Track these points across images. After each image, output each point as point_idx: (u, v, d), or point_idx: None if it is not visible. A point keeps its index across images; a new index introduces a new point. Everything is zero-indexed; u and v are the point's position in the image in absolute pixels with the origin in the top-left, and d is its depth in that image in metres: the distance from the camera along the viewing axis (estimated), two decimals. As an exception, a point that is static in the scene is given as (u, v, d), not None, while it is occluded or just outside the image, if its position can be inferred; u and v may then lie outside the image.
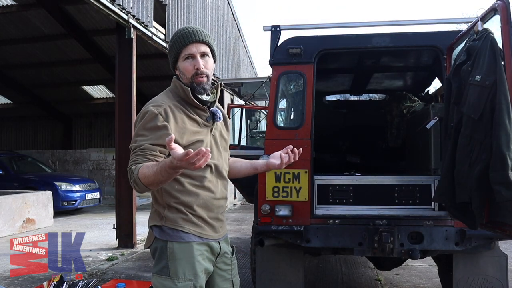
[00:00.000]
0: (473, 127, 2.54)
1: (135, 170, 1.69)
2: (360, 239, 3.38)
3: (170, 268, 1.79)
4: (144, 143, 1.74)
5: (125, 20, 7.03)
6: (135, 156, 1.75)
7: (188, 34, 1.84)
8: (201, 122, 1.87)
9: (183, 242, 1.82)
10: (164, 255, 1.81)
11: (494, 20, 2.59)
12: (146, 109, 1.80)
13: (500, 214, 2.54)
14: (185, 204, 1.82)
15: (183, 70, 1.86)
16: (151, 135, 1.75)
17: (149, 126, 1.76)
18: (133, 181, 1.71)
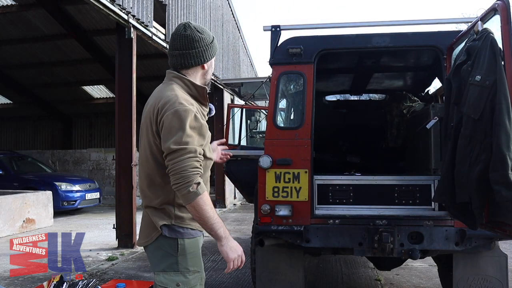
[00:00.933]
0: (473, 127, 2.54)
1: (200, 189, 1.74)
2: (360, 239, 3.38)
3: (180, 263, 1.85)
4: (197, 147, 1.77)
5: (125, 20, 7.03)
6: (194, 162, 1.75)
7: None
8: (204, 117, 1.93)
9: (193, 238, 1.90)
10: (173, 251, 1.86)
11: (494, 20, 2.59)
12: (183, 107, 1.77)
13: (500, 214, 2.54)
14: None
15: (210, 68, 1.97)
16: (197, 136, 1.79)
17: (194, 126, 1.78)
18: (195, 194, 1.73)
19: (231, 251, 1.81)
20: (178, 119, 1.75)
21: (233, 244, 1.82)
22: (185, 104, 1.78)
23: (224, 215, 11.00)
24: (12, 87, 16.74)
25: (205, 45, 1.91)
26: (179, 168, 1.73)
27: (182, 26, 1.92)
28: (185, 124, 1.74)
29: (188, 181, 1.72)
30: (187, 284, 1.86)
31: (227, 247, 1.81)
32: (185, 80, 1.89)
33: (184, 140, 1.74)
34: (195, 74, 1.93)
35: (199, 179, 1.74)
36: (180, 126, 1.75)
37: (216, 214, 1.79)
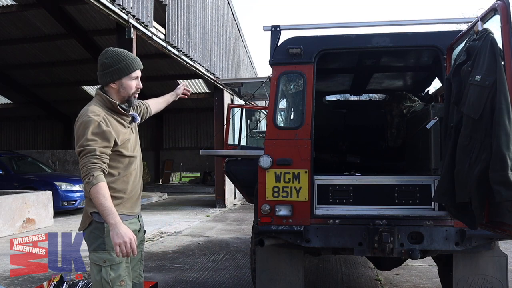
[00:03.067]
0: (473, 127, 2.54)
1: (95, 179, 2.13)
2: (360, 239, 3.38)
3: (107, 244, 2.24)
4: (97, 147, 2.18)
5: (125, 20, 7.03)
6: (92, 158, 2.16)
7: (137, 61, 2.42)
8: (125, 125, 2.40)
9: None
10: (101, 234, 2.26)
11: (494, 20, 2.59)
12: (88, 118, 2.22)
13: (500, 214, 2.54)
14: (119, 191, 2.32)
15: (126, 86, 2.38)
16: (100, 139, 2.20)
17: (96, 132, 2.21)
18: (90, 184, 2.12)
19: (117, 236, 2.09)
20: (82, 128, 2.22)
21: (120, 231, 2.10)
22: (90, 115, 2.23)
23: (224, 215, 11.00)
24: (12, 87, 16.75)
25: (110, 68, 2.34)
26: (81, 165, 2.18)
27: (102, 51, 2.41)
28: (87, 131, 2.19)
29: (86, 174, 2.14)
30: (112, 261, 2.25)
31: (114, 232, 2.10)
32: (102, 96, 2.36)
33: (85, 143, 2.18)
34: (110, 91, 2.38)
35: (96, 172, 2.14)
36: (83, 133, 2.20)
37: (108, 202, 2.12)
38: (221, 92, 12.74)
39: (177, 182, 22.23)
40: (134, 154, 2.42)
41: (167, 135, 20.79)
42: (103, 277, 2.23)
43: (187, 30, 10.21)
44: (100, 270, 2.24)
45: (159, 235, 8.03)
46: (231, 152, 5.21)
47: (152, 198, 14.43)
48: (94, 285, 2.29)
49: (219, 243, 7.29)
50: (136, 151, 2.46)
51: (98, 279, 2.25)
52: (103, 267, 2.24)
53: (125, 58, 2.36)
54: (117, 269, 2.25)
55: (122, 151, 2.32)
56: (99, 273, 2.24)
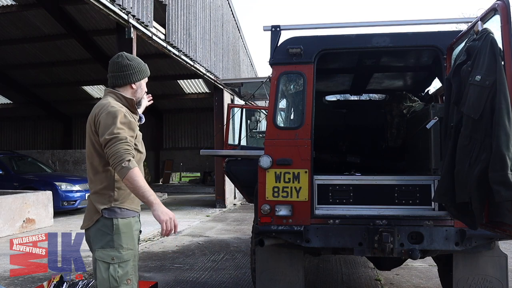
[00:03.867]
0: (473, 127, 2.54)
1: (131, 163, 2.16)
2: (360, 239, 3.38)
3: (115, 241, 2.26)
4: (127, 136, 2.23)
5: (125, 20, 7.03)
6: (124, 145, 2.19)
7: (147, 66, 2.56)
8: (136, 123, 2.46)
9: (126, 218, 2.31)
10: (109, 231, 2.27)
11: (494, 20, 2.59)
12: (114, 109, 2.28)
13: (500, 214, 2.54)
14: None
15: (143, 88, 2.53)
16: (127, 129, 2.26)
17: (124, 121, 2.27)
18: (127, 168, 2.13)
19: (162, 214, 2.15)
20: (111, 117, 2.25)
21: (164, 209, 2.17)
22: (115, 106, 2.30)
23: (224, 215, 11.00)
24: (12, 87, 16.75)
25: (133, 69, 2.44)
26: (114, 151, 2.18)
27: (116, 55, 2.50)
28: (116, 120, 2.24)
29: (121, 159, 2.15)
30: (121, 258, 2.26)
31: (159, 211, 2.16)
32: (117, 94, 2.42)
33: (116, 131, 2.22)
34: (127, 91, 2.45)
35: (130, 157, 2.17)
36: (113, 122, 2.24)
37: (147, 185, 2.18)
38: (221, 92, 12.74)
39: (177, 182, 22.24)
40: (142, 151, 2.48)
41: (167, 135, 20.79)
42: (111, 274, 2.23)
43: (187, 30, 10.21)
44: (108, 267, 2.24)
45: (159, 235, 8.03)
46: (231, 152, 5.21)
47: (152, 198, 14.40)
48: (101, 283, 2.27)
49: (219, 243, 7.29)
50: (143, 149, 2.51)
51: (106, 276, 2.24)
52: (111, 264, 2.24)
53: (143, 63, 2.52)
54: (125, 266, 2.26)
55: (137, 145, 2.38)
56: (107, 270, 2.24)
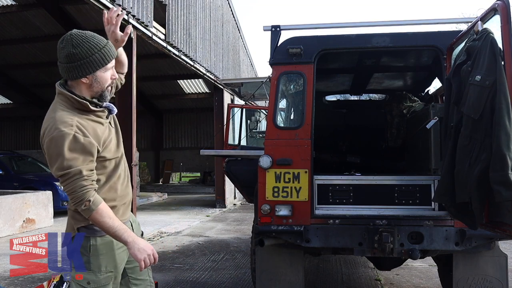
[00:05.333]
0: (473, 127, 2.54)
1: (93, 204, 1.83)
2: (360, 239, 3.38)
3: (92, 263, 1.97)
4: (81, 167, 1.83)
5: (125, 20, 7.02)
6: (80, 181, 1.82)
7: (111, 48, 1.96)
8: (103, 122, 1.99)
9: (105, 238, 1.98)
10: (86, 251, 1.98)
11: (494, 20, 2.59)
12: (59, 133, 1.80)
13: (500, 214, 2.54)
14: (109, 200, 1.96)
15: (101, 79, 1.94)
16: (81, 156, 1.83)
17: (74, 148, 1.82)
18: (89, 211, 1.84)
19: (139, 252, 1.90)
20: (55, 146, 1.81)
21: (141, 245, 1.91)
22: (61, 128, 1.81)
23: (224, 215, 11.00)
24: (12, 87, 16.75)
25: (80, 60, 1.88)
26: (69, 191, 1.84)
27: (61, 38, 1.95)
28: (63, 149, 1.80)
29: (79, 200, 1.83)
30: (97, 283, 1.97)
31: (135, 249, 1.89)
32: (67, 95, 1.91)
33: (66, 164, 1.81)
34: (80, 87, 1.93)
35: (91, 195, 1.83)
36: (58, 152, 1.81)
37: (116, 221, 1.88)
38: (221, 92, 12.74)
39: (177, 182, 22.23)
40: (117, 154, 2.05)
41: (167, 135, 20.78)
42: None
43: (187, 30, 10.21)
44: None
45: (159, 235, 8.03)
46: (231, 152, 5.21)
47: (152, 198, 14.43)
48: None
49: (219, 243, 7.29)
50: (121, 150, 2.09)
51: None
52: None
53: (99, 47, 1.89)
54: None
55: (105, 155, 1.96)
56: None
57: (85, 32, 1.94)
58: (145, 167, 18.56)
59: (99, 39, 1.93)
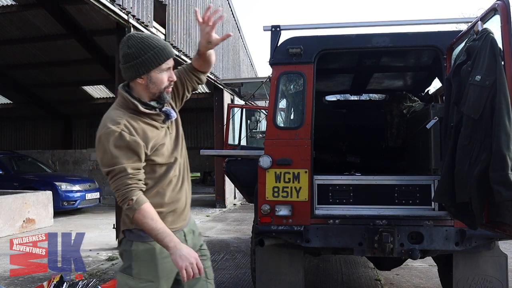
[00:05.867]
0: (473, 127, 2.54)
1: (136, 203, 1.81)
2: (360, 239, 3.38)
3: (134, 269, 1.92)
4: (126, 166, 1.82)
5: (125, 20, 7.03)
6: (124, 179, 1.82)
7: (167, 48, 1.94)
8: (158, 126, 1.97)
9: (147, 243, 1.93)
10: (130, 256, 1.94)
11: (494, 20, 2.59)
12: (107, 130, 1.83)
13: (500, 214, 2.54)
14: (154, 204, 1.89)
15: (156, 80, 1.93)
16: (126, 153, 1.83)
17: (119, 145, 1.83)
18: (132, 210, 1.81)
19: (180, 259, 1.79)
20: (103, 143, 1.84)
21: (183, 252, 1.81)
22: (109, 125, 1.84)
23: (224, 215, 11.00)
24: (12, 87, 16.74)
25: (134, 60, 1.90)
26: (114, 188, 1.84)
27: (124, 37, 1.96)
28: (108, 146, 1.82)
29: (123, 199, 1.82)
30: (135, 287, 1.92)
31: (176, 255, 1.80)
32: (123, 96, 1.94)
33: (111, 161, 1.83)
34: (138, 88, 1.95)
35: (134, 194, 1.81)
36: (104, 149, 1.83)
37: (159, 224, 1.82)
38: (221, 92, 12.74)
39: (177, 182, 22.20)
40: (170, 160, 1.99)
41: (167, 135, 20.76)
42: None
43: (187, 30, 10.21)
44: None
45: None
46: (231, 152, 5.21)
47: (152, 198, 14.42)
48: None
49: (219, 243, 7.29)
50: (176, 155, 2.02)
51: None
52: None
53: (152, 47, 1.90)
54: None
55: (154, 159, 1.93)
56: None
57: (142, 34, 1.97)
58: (145, 167, 18.55)
59: (153, 40, 1.93)
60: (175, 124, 2.08)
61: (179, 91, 2.15)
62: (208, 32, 1.95)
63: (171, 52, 1.96)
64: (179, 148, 2.06)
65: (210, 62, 2.16)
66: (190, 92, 2.19)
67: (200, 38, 1.98)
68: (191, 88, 2.16)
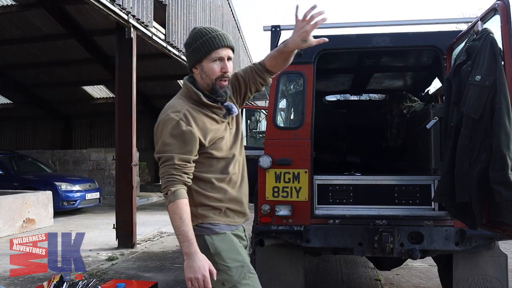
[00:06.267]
0: (473, 127, 2.54)
1: (172, 195, 1.79)
2: (360, 239, 3.38)
3: (218, 263, 1.86)
4: (176, 154, 1.82)
5: (125, 20, 7.03)
6: (170, 169, 1.82)
7: (219, 37, 1.90)
8: (219, 119, 1.95)
9: (220, 234, 1.91)
10: (207, 252, 1.86)
11: (494, 20, 2.59)
12: (166, 117, 1.85)
13: (500, 214, 2.54)
14: (215, 199, 1.92)
15: (207, 70, 1.91)
16: (178, 143, 1.83)
17: (174, 133, 1.83)
18: (168, 200, 1.81)
19: (189, 270, 1.76)
20: (160, 129, 1.86)
21: (194, 264, 1.75)
22: (168, 113, 1.86)
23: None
24: (12, 87, 16.74)
25: (190, 49, 1.93)
26: (160, 175, 1.86)
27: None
28: (163, 132, 1.84)
29: (164, 187, 1.82)
30: (231, 281, 1.87)
31: (187, 264, 1.77)
32: (187, 86, 1.95)
33: (162, 148, 1.84)
34: (197, 78, 1.96)
35: (174, 186, 1.80)
36: (160, 135, 1.86)
37: (185, 226, 1.77)
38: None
39: (177, 182, 22.19)
40: (228, 155, 1.96)
41: (167, 135, 20.75)
42: None
43: (187, 30, 10.21)
44: None
45: (159, 235, 8.03)
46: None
47: (152, 198, 14.44)
48: None
49: (219, 243, 7.28)
50: (234, 151, 1.99)
51: None
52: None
53: (203, 35, 1.88)
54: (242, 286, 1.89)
55: (212, 152, 1.90)
56: None
57: (207, 25, 1.98)
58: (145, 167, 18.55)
59: (208, 29, 1.92)
60: (235, 121, 2.05)
61: (241, 90, 2.10)
62: (308, 31, 1.89)
63: (222, 41, 1.90)
64: (238, 145, 2.04)
65: (288, 62, 2.12)
66: (252, 93, 2.15)
67: (294, 34, 1.92)
68: (254, 89, 2.11)
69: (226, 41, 1.92)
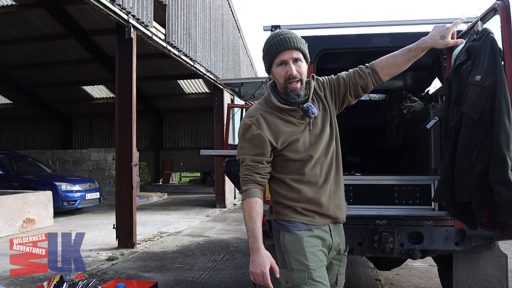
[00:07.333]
0: (473, 127, 2.54)
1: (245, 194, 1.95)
2: (360, 239, 3.38)
3: (286, 261, 1.96)
4: (247, 157, 1.96)
5: (125, 20, 7.03)
6: (244, 169, 1.98)
7: (280, 41, 1.93)
8: (296, 122, 1.99)
9: (293, 234, 1.97)
10: (280, 247, 2.00)
11: (494, 20, 2.59)
12: (243, 122, 2.02)
13: (500, 214, 2.54)
14: (290, 198, 1.98)
15: (276, 75, 1.98)
16: (250, 145, 1.96)
17: (247, 137, 1.97)
18: (241, 193, 1.99)
19: (252, 264, 1.88)
20: (239, 133, 2.04)
21: (257, 259, 1.86)
22: (245, 118, 2.02)
23: (224, 215, 11.00)
24: (12, 87, 16.77)
25: (264, 57, 2.00)
26: (240, 174, 2.00)
27: None
28: (240, 136, 2.01)
29: (241, 186, 1.98)
30: (292, 282, 1.92)
31: (251, 259, 1.89)
32: (268, 90, 2.05)
33: (239, 151, 2.01)
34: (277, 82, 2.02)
35: (246, 185, 1.94)
36: (239, 138, 2.04)
37: (252, 224, 1.88)
38: (221, 92, 12.75)
39: (177, 182, 22.23)
40: (304, 156, 1.96)
41: (167, 135, 20.80)
42: None
43: (187, 30, 10.21)
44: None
45: (159, 235, 8.03)
46: (231, 152, 5.21)
47: (152, 198, 14.45)
48: None
49: (219, 243, 7.29)
50: (311, 153, 1.97)
51: None
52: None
53: (268, 41, 1.95)
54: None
55: (287, 154, 1.96)
56: None
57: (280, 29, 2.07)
58: (145, 167, 18.58)
59: (273, 35, 1.96)
60: (320, 122, 2.04)
61: (340, 92, 2.13)
62: (449, 28, 1.98)
63: (283, 45, 1.92)
64: (320, 147, 2.01)
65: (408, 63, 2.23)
66: (353, 97, 2.17)
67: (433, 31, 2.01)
68: (353, 93, 2.14)
69: (287, 44, 1.92)
